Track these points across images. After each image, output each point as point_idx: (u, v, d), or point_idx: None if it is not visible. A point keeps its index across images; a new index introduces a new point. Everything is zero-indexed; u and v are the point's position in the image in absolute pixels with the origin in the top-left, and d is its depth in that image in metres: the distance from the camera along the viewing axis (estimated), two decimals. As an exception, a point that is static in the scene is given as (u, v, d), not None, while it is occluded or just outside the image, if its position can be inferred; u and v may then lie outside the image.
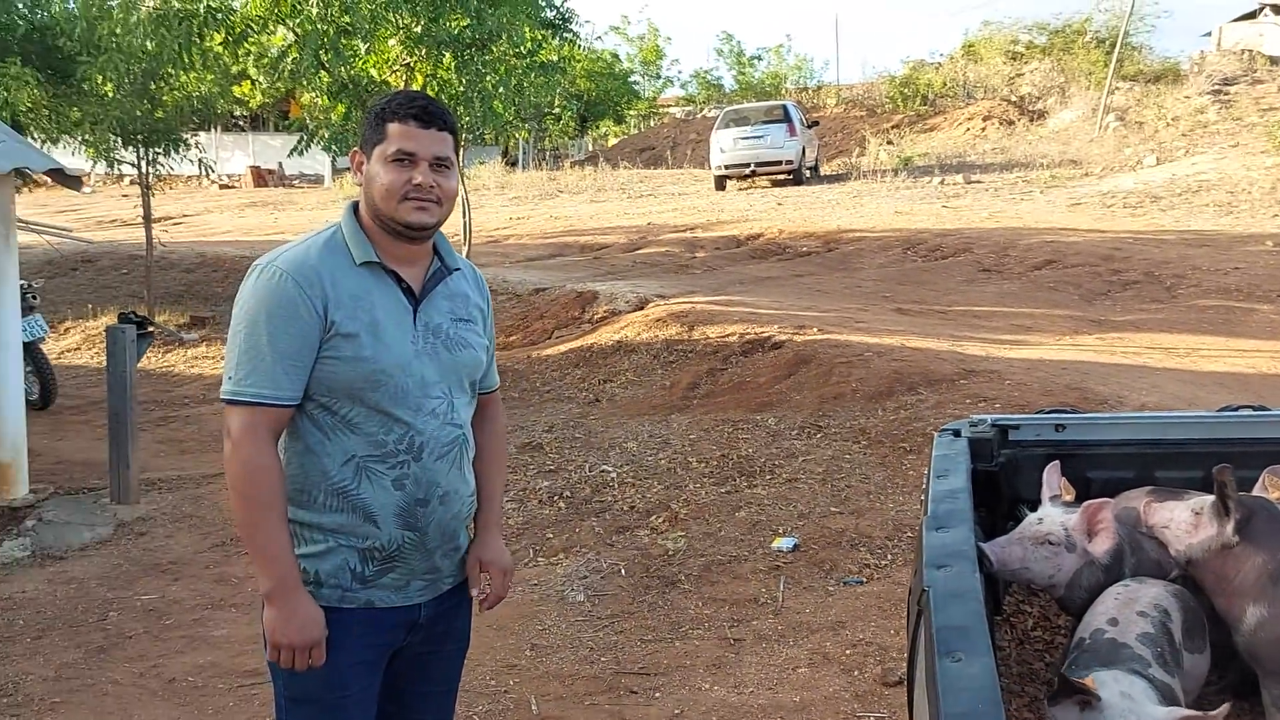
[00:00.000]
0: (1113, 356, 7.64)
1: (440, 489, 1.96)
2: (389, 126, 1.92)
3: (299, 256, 1.91)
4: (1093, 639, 2.00)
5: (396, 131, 1.91)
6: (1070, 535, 2.20)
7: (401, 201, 1.90)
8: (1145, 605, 2.07)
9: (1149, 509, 2.26)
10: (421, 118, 1.92)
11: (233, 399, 1.87)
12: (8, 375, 5.95)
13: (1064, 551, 2.20)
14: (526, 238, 15.30)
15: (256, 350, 1.85)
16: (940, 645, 1.43)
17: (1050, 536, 2.21)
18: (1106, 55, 25.03)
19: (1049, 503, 2.30)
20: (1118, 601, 2.09)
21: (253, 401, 1.85)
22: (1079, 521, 2.21)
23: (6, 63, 10.54)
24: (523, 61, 9.88)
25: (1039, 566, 2.21)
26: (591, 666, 3.97)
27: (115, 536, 5.59)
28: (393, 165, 1.90)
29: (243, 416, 1.86)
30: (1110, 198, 15.50)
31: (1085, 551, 2.20)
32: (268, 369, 1.85)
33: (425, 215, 1.92)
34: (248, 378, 1.85)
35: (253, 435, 1.85)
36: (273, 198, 23.78)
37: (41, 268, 13.40)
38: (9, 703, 3.79)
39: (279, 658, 1.88)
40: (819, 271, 11.65)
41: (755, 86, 35.36)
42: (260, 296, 1.87)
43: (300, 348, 1.86)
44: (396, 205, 1.90)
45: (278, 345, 1.85)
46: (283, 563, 1.86)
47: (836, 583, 4.52)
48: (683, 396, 7.31)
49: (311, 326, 1.86)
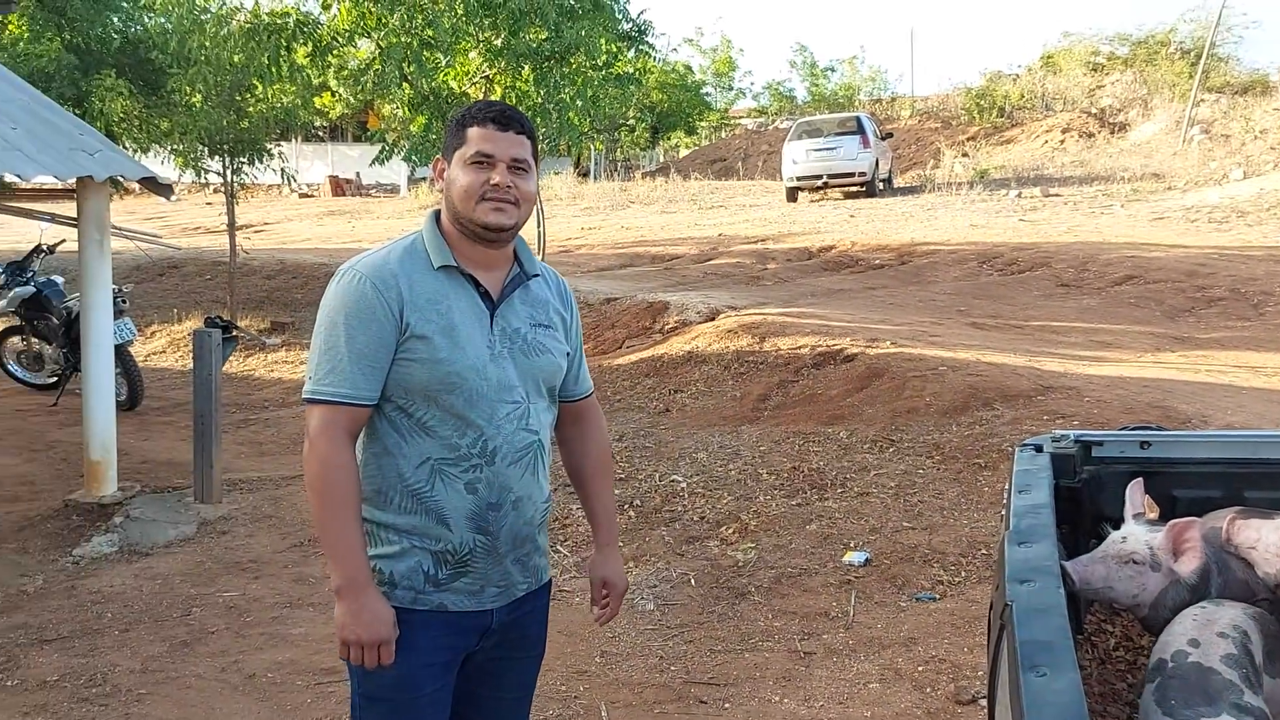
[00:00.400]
0: (1196, 375, 7.44)
1: (513, 494, 1.98)
2: (468, 131, 1.96)
3: (378, 261, 1.96)
4: (1175, 661, 1.95)
5: (475, 135, 1.95)
6: (1155, 554, 2.15)
7: (479, 202, 1.94)
8: (1224, 626, 2.02)
9: (1236, 528, 2.21)
10: (499, 121, 1.96)
11: (312, 398, 1.92)
12: (100, 377, 6.16)
13: (1148, 571, 2.15)
14: (598, 247, 15.40)
15: (335, 351, 1.90)
16: (1024, 660, 1.42)
17: (1135, 555, 2.16)
18: (1191, 67, 24.45)
19: (1133, 521, 2.25)
20: (1196, 623, 2.04)
21: (330, 400, 1.90)
22: (1164, 540, 2.16)
23: (102, 74, 10.96)
24: (599, 73, 9.98)
25: (1123, 586, 2.15)
26: (661, 675, 3.98)
27: (198, 535, 5.75)
28: (471, 167, 1.95)
29: (321, 415, 1.90)
30: (1194, 212, 15.11)
31: (1171, 571, 2.15)
32: (345, 370, 1.89)
33: (502, 216, 1.95)
34: (326, 378, 1.90)
35: (330, 434, 1.90)
36: (350, 207, 24.27)
37: (130, 273, 13.85)
38: (98, 692, 3.92)
39: (348, 654, 1.92)
40: (892, 284, 11.54)
41: (828, 98, 35.14)
42: (340, 299, 1.93)
43: (377, 348, 1.90)
44: (474, 206, 1.94)
45: (355, 346, 1.89)
46: (353, 560, 1.89)
47: (909, 598, 4.48)
48: (753, 408, 7.29)
49: (388, 328, 1.90)
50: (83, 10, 11.61)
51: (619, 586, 2.24)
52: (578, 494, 2.29)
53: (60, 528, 5.86)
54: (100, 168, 5.71)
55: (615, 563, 2.26)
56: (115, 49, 11.70)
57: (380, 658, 1.91)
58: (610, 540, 2.27)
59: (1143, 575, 2.15)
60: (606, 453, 2.30)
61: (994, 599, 1.94)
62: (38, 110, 5.85)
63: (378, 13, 9.36)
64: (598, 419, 2.29)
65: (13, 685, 3.99)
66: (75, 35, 11.60)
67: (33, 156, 5.42)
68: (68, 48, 11.54)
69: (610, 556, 2.25)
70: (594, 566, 2.25)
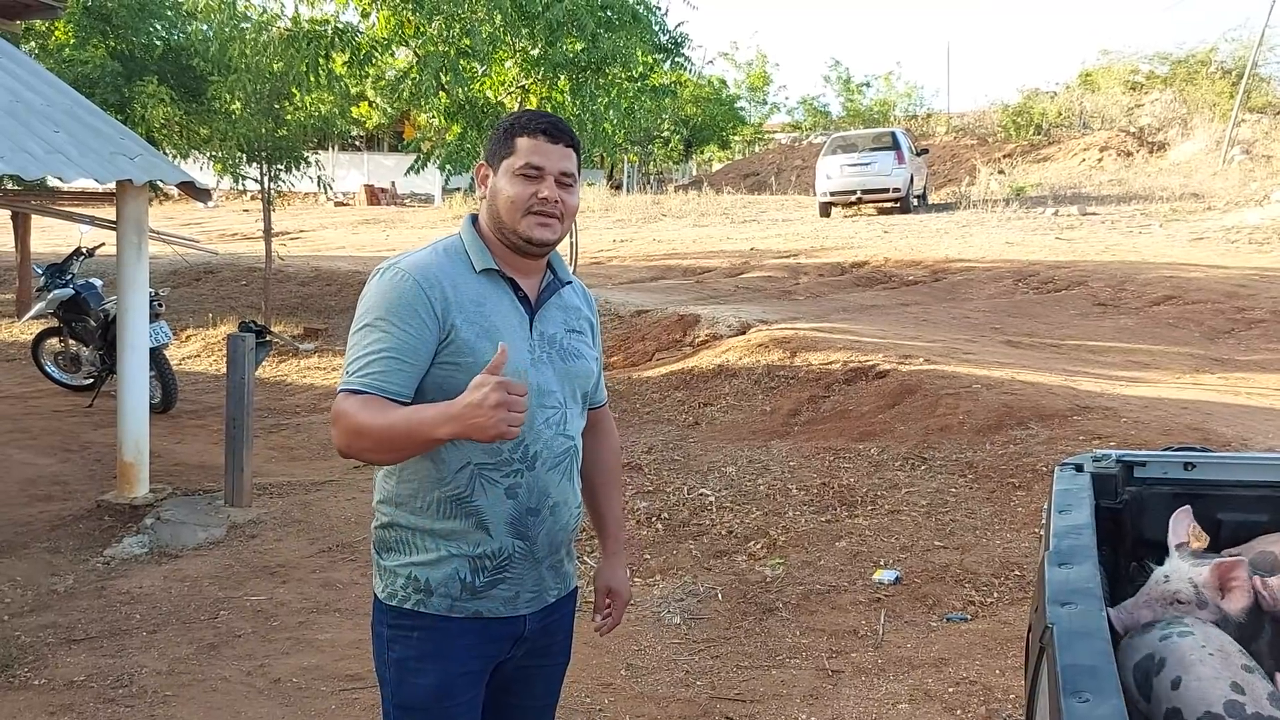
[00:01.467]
0: (1237, 397, 7.31)
1: (551, 499, 1.97)
2: (518, 141, 1.93)
3: (422, 260, 1.93)
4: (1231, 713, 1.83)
5: (526, 146, 1.92)
6: (1201, 592, 2.06)
7: (525, 215, 1.91)
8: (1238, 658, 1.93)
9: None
10: (550, 132, 1.93)
11: (344, 389, 1.86)
12: (135, 379, 6.21)
13: (1195, 610, 2.05)
14: (630, 260, 15.40)
15: (374, 346, 1.85)
16: (1066, 684, 1.38)
17: (1179, 595, 2.06)
18: (1232, 86, 24.15)
19: (1176, 554, 2.16)
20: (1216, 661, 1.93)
21: (362, 391, 1.83)
22: (1210, 578, 2.07)
23: (144, 81, 11.12)
24: (634, 85, 9.99)
25: None
26: (687, 690, 3.94)
27: (227, 538, 5.77)
28: (519, 179, 1.92)
29: (348, 398, 1.83)
30: (1235, 233, 14.89)
31: (1218, 608, 2.06)
32: (382, 364, 1.84)
33: (547, 231, 1.93)
34: (361, 371, 1.84)
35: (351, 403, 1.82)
36: (385, 216, 24.44)
37: (167, 277, 14.00)
38: (125, 693, 3.93)
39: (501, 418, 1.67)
40: (925, 301, 11.45)
41: (863, 113, 35.05)
42: (382, 294, 1.88)
43: (416, 345, 1.85)
44: (520, 219, 1.91)
45: (394, 341, 1.84)
46: (420, 413, 1.76)
47: (940, 618, 4.41)
48: (783, 423, 7.24)
49: (429, 327, 1.86)
50: (127, 18, 11.80)
51: (624, 596, 2.22)
52: (585, 502, 2.25)
53: (92, 528, 5.90)
54: (139, 172, 5.77)
55: (621, 571, 2.24)
56: (158, 56, 11.87)
57: (507, 397, 1.67)
58: (618, 549, 2.25)
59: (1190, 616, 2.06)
60: (617, 462, 2.29)
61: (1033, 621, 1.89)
62: (80, 114, 5.92)
63: (416, 21, 9.42)
64: (611, 428, 2.28)
65: (40, 684, 4.01)
66: (119, 42, 11.79)
67: (74, 160, 5.48)
68: (112, 54, 11.72)
69: (617, 565, 2.24)
70: (600, 575, 2.23)
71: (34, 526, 5.90)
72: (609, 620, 2.22)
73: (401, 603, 1.96)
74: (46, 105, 5.80)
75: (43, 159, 5.32)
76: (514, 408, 1.67)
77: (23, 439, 7.75)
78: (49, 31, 11.99)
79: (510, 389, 1.67)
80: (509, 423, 1.67)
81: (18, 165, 5.15)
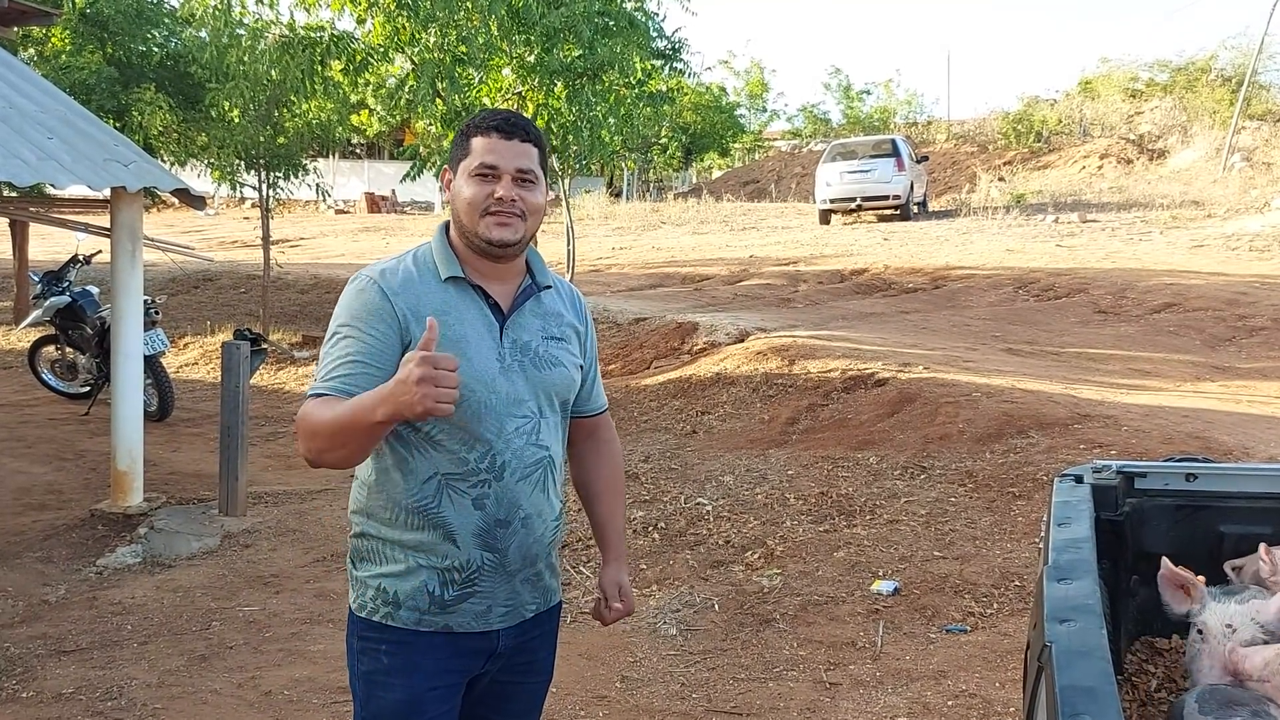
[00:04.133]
0: (1238, 405, 7.27)
1: (522, 511, 1.93)
2: (473, 141, 1.91)
3: (389, 268, 1.92)
4: None
5: (480, 145, 1.90)
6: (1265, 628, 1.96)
7: (483, 216, 1.88)
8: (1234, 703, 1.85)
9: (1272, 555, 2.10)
10: (504, 129, 1.90)
11: (310, 395, 1.84)
12: (128, 387, 6.17)
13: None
14: (628, 267, 15.37)
15: (339, 352, 1.85)
16: (1064, 707, 1.33)
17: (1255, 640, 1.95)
18: (1232, 94, 24.16)
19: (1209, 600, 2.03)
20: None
21: (325, 394, 1.81)
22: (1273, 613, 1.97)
23: (142, 88, 11.08)
24: (632, 91, 9.95)
25: None
26: (682, 703, 3.89)
27: (221, 547, 5.73)
28: (475, 179, 1.89)
29: (310, 404, 1.82)
30: (1235, 240, 14.85)
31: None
32: (346, 368, 1.83)
33: (507, 231, 1.89)
34: (325, 376, 1.84)
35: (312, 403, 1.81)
36: (385, 223, 24.41)
37: (165, 285, 13.97)
38: (114, 706, 3.88)
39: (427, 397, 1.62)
40: (925, 308, 11.41)
41: (863, 121, 35.07)
42: (348, 302, 1.90)
43: (381, 349, 1.83)
44: (479, 220, 1.89)
45: (358, 346, 1.84)
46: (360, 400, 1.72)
47: (939, 630, 4.36)
48: (781, 431, 7.19)
49: (392, 334, 1.84)
50: (124, 24, 11.74)
51: (630, 597, 2.17)
52: (586, 511, 2.22)
53: (85, 537, 5.86)
54: (133, 178, 5.74)
55: (624, 574, 2.19)
56: (155, 63, 11.81)
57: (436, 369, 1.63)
58: (620, 555, 2.20)
59: None
60: (619, 471, 2.24)
61: (1031, 638, 1.84)
62: (74, 121, 5.90)
63: (412, 29, 9.39)
64: (611, 436, 2.24)
65: (28, 697, 3.96)
66: (116, 49, 11.74)
67: (68, 167, 5.45)
68: (109, 61, 11.67)
69: (621, 570, 2.18)
70: (607, 575, 2.17)
71: (27, 536, 5.86)
72: (614, 613, 2.14)
73: (371, 615, 1.94)
74: (41, 111, 5.77)
75: (36, 166, 5.29)
76: (440, 382, 1.62)
77: (18, 447, 7.71)
78: (46, 38, 11.96)
79: (436, 363, 1.62)
80: (435, 398, 1.62)
81: (10, 172, 5.12)
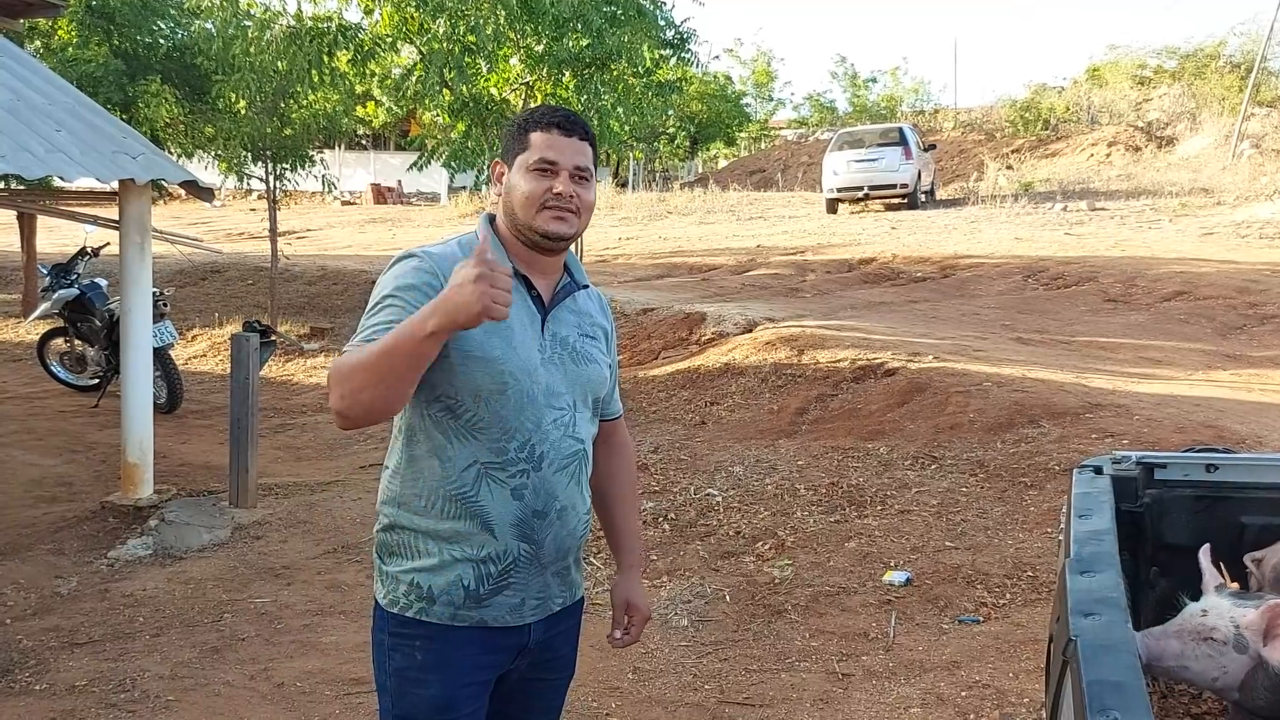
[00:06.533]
0: (1250, 394, 7.23)
1: (558, 502, 1.92)
2: (532, 136, 1.91)
3: (441, 250, 1.91)
4: None
5: (540, 140, 1.89)
6: (1241, 634, 1.94)
7: (540, 210, 1.88)
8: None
9: None
10: (564, 126, 1.91)
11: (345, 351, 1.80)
12: (138, 379, 6.16)
13: (1230, 651, 1.94)
14: (635, 258, 15.34)
15: (380, 318, 1.81)
16: (1093, 702, 1.31)
17: (1215, 633, 1.95)
18: (1242, 80, 24.02)
19: (1214, 592, 2.05)
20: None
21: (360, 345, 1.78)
22: (1257, 621, 1.94)
23: (148, 80, 11.09)
24: (640, 81, 9.92)
25: (1199, 665, 1.96)
26: (695, 694, 3.88)
27: (232, 539, 5.73)
28: (534, 174, 1.89)
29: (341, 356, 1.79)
30: (1245, 227, 14.78)
31: (1257, 655, 1.93)
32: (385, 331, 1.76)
33: (563, 225, 1.89)
34: (363, 336, 1.80)
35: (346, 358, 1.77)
36: (391, 214, 24.39)
37: (173, 277, 13.97)
38: (126, 698, 3.89)
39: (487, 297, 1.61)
40: (934, 298, 11.37)
41: (870, 109, 34.91)
42: (396, 275, 1.86)
43: None
44: (535, 214, 1.88)
45: (401, 316, 1.77)
46: (399, 325, 1.71)
47: (951, 621, 4.35)
48: (791, 422, 7.17)
49: None
50: (130, 16, 11.75)
51: (643, 612, 2.17)
52: (600, 516, 2.21)
53: (96, 530, 5.86)
54: (142, 171, 5.73)
55: (640, 587, 2.20)
56: (162, 55, 11.82)
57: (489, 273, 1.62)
58: (636, 563, 2.21)
59: (1223, 656, 1.95)
60: (633, 475, 2.25)
61: (1054, 631, 1.83)
62: (82, 113, 5.88)
63: (420, 18, 9.36)
64: (626, 440, 2.24)
65: (41, 689, 3.97)
66: (123, 41, 11.74)
67: (76, 159, 5.44)
68: (115, 53, 11.67)
69: (635, 580, 2.19)
70: (618, 589, 2.17)
71: (38, 528, 5.87)
72: (628, 636, 2.17)
73: (403, 610, 1.92)
74: (48, 104, 5.75)
75: (44, 158, 5.28)
76: (496, 284, 1.62)
77: (28, 439, 7.72)
78: (52, 30, 11.95)
79: (493, 266, 1.63)
80: (492, 298, 1.62)
81: (19, 165, 5.11)
